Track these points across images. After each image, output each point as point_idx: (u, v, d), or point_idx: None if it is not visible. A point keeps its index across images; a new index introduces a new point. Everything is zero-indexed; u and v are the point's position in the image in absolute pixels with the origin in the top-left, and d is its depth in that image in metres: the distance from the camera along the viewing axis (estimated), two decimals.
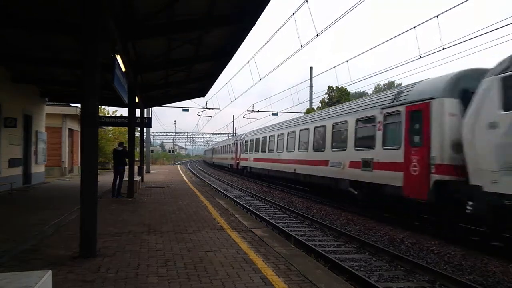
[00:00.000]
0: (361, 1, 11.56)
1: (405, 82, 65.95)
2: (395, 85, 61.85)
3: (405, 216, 11.13)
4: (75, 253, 5.69)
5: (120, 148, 13.40)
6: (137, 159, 21.40)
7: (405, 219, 11.06)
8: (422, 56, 14.91)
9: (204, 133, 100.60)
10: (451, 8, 12.67)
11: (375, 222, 11.45)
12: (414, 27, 14.17)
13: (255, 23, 10.10)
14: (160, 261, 5.39)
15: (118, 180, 13.01)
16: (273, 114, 44.56)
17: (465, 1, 11.65)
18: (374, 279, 6.33)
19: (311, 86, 38.19)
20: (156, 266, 5.15)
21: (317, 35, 13.47)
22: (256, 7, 9.50)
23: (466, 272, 6.84)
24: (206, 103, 40.75)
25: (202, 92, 21.40)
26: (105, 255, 5.67)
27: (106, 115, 31.42)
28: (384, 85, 72.44)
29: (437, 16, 13.25)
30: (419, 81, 11.02)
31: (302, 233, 10.10)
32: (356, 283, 6.01)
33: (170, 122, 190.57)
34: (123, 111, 35.39)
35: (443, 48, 13.97)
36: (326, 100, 41.93)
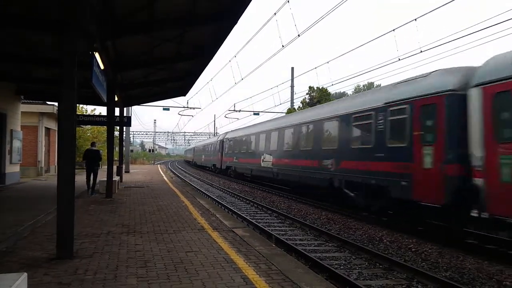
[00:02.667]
0: (342, 2, 11.70)
1: (384, 83, 67.04)
2: (374, 86, 62.81)
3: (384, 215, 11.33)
4: (51, 254, 5.55)
5: (95, 148, 14.48)
6: (116, 158, 21.06)
7: (384, 218, 11.25)
8: (401, 58, 15.22)
9: (185, 132, 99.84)
10: (429, 12, 12.99)
11: (355, 220, 11.61)
12: (393, 30, 14.46)
13: (237, 22, 10.09)
14: (139, 262, 5.32)
15: (92, 178, 13.83)
16: (254, 114, 44.60)
17: (443, 6, 11.94)
18: (353, 277, 6.42)
19: (292, 86, 38.44)
20: (136, 267, 5.07)
21: (299, 35, 13.58)
22: (238, 6, 9.48)
23: (443, 269, 7.01)
24: (187, 102, 40.35)
25: (183, 91, 21.22)
26: (83, 257, 5.55)
27: (85, 113, 30.78)
28: (363, 86, 73.52)
29: (415, 19, 13.55)
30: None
31: (283, 232, 10.14)
32: (336, 281, 6.08)
33: (151, 121, 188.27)
34: (102, 110, 34.81)
35: (421, 51, 14.30)
36: (307, 100, 42.24)
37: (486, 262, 7.27)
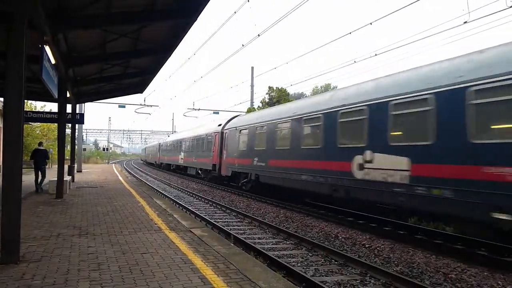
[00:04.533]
0: (303, 2, 11.85)
1: (340, 85, 69.14)
2: (331, 87, 64.50)
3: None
4: None
5: (42, 148, 15.02)
6: (67, 157, 20.17)
7: (339, 216, 11.59)
8: (356, 61, 15.70)
9: (142, 130, 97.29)
10: (384, 16, 13.48)
11: (312, 218, 11.86)
12: (350, 33, 14.89)
13: (197, 18, 9.95)
14: (92, 265, 5.11)
15: (41, 175, 14.15)
16: (214, 113, 44.40)
17: (398, 10, 12.41)
18: (310, 274, 6.55)
19: (252, 86, 38.60)
20: (88, 271, 4.87)
21: (258, 35, 13.64)
22: (198, 3, 9.36)
23: (394, 264, 7.33)
24: (144, 100, 39.09)
25: (140, 88, 20.63)
26: (30, 261, 5.25)
27: (34, 110, 29.11)
28: (321, 87, 75.28)
29: (371, 23, 14.04)
30: None
31: (242, 231, 10.16)
32: (294, 278, 6.18)
33: (105, 119, 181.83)
34: (52, 106, 33.05)
35: (376, 54, 14.85)
36: (267, 100, 42.59)
37: (434, 256, 7.69)
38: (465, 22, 11.12)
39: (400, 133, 9.28)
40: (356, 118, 10.46)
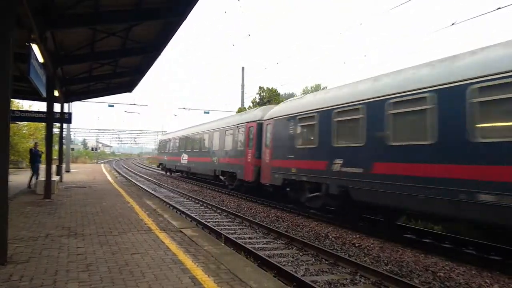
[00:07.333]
0: None
1: (330, 85, 69.44)
2: (321, 87, 64.79)
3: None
4: None
5: (37, 148, 15.93)
6: (55, 157, 19.91)
7: (329, 215, 11.64)
8: (345, 62, 15.58)
9: (131, 130, 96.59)
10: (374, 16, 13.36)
11: (303, 218, 11.90)
12: (340, 33, 14.88)
13: (186, 17, 9.92)
14: (81, 266, 5.05)
15: (35, 174, 15.07)
16: (205, 113, 44.20)
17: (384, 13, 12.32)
18: (300, 274, 6.57)
19: (242, 86, 38.56)
20: (77, 272, 4.81)
21: (249, 35, 13.60)
22: (188, 2, 9.32)
23: (383, 263, 7.39)
24: (134, 100, 38.89)
25: (129, 88, 20.48)
26: (18, 262, 5.17)
27: (21, 109, 28.64)
28: (311, 87, 75.60)
29: (361, 24, 14.07)
30: None
31: (233, 231, 10.14)
32: (284, 278, 6.19)
33: (94, 118, 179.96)
34: (40, 106, 32.59)
35: (365, 56, 14.74)
36: (257, 100, 42.60)
37: (423, 255, 7.78)
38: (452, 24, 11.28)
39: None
40: None
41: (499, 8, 10.03)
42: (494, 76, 6.80)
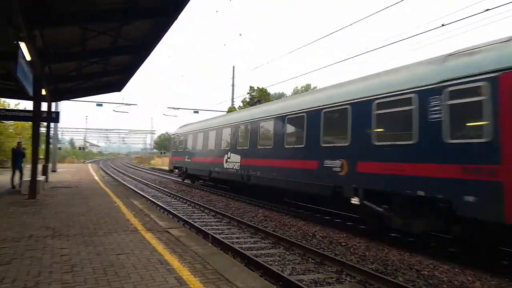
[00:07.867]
0: None
1: (320, 85, 69.80)
2: (311, 88, 65.08)
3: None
4: None
5: (20, 147, 15.47)
6: (41, 156, 19.66)
7: (317, 215, 11.71)
8: (336, 62, 15.75)
9: (120, 129, 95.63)
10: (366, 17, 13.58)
11: (290, 217, 11.95)
12: (331, 34, 15.04)
13: (177, 17, 9.88)
14: (65, 267, 4.99)
15: (19, 174, 14.82)
16: (194, 112, 44.03)
17: (376, 12, 12.55)
18: (287, 273, 6.59)
19: (233, 85, 38.58)
20: (61, 273, 4.76)
21: (240, 34, 13.62)
22: (179, 1, 9.29)
23: (369, 262, 7.47)
24: (123, 99, 38.61)
25: (118, 87, 20.32)
26: (0, 264, 5.09)
27: (7, 108, 28.17)
28: (301, 87, 75.89)
29: (351, 25, 14.24)
30: None
31: (220, 231, 10.13)
32: (271, 277, 6.21)
33: (82, 117, 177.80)
34: (27, 104, 32.02)
35: (352, 57, 14.93)
36: (248, 100, 42.58)
37: (408, 254, 7.88)
38: (442, 25, 11.44)
39: None
40: None
41: (487, 10, 10.24)
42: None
